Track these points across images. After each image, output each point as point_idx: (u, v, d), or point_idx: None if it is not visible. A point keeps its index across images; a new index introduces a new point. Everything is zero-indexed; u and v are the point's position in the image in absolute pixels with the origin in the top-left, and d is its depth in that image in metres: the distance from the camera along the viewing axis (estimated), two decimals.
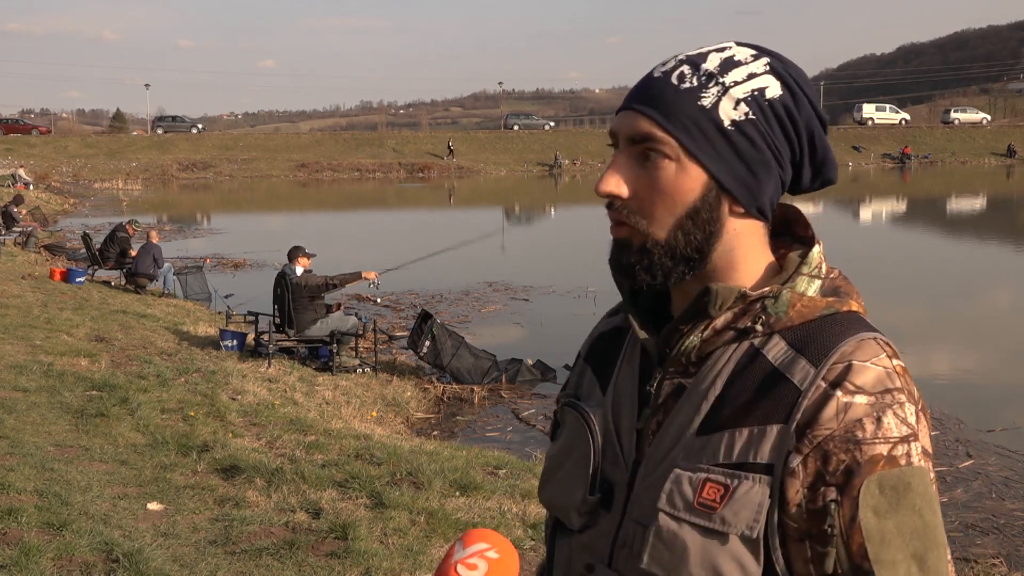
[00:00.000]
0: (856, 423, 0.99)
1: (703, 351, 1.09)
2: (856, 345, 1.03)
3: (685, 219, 1.06)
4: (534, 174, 56.14)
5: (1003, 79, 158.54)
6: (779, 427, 1.01)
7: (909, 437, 1.00)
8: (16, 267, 16.17)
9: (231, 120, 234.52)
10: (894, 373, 1.03)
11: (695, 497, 1.03)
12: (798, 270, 1.09)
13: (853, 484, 0.98)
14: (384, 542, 4.85)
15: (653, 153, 1.06)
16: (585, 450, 1.16)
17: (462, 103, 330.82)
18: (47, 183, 41.96)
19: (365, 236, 27.38)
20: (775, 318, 1.06)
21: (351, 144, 61.85)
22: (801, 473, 1.00)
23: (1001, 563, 5.82)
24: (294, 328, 10.36)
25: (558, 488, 1.19)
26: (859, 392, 1.00)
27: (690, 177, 1.06)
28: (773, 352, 1.06)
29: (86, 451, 6.18)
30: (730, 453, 1.03)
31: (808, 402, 1.01)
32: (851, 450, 0.99)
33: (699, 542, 1.02)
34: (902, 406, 1.01)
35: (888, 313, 14.37)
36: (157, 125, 69.37)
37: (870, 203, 38.28)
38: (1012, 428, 8.67)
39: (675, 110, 1.05)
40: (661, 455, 1.08)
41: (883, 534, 0.98)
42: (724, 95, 1.06)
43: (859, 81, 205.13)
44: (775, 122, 1.07)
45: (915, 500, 0.99)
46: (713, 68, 1.07)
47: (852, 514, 0.98)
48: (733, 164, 1.07)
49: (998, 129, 71.06)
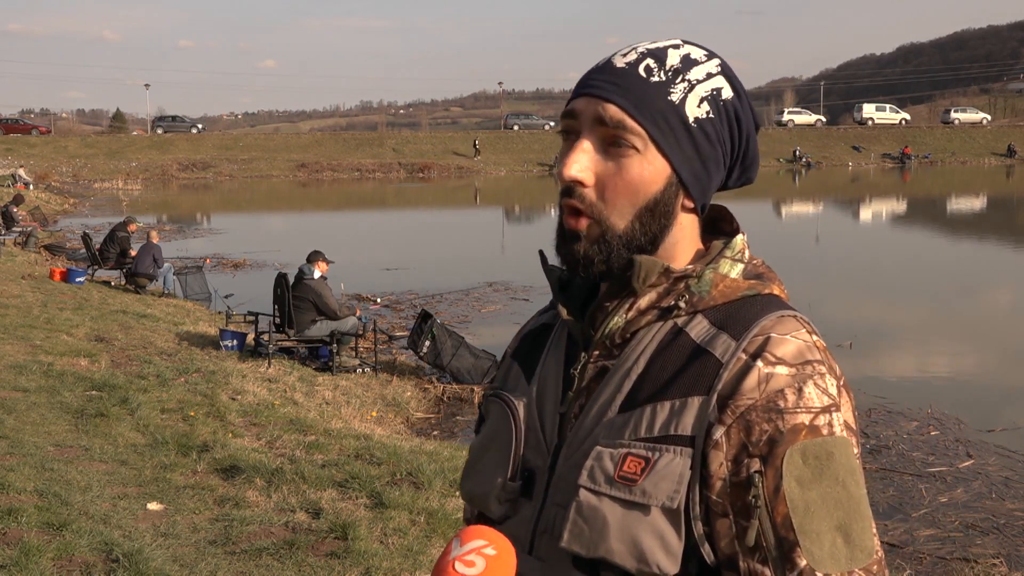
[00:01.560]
0: (778, 393, 1.00)
1: (627, 332, 1.10)
2: (776, 320, 1.04)
3: (644, 210, 1.07)
4: (534, 174, 56.13)
5: (1003, 79, 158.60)
6: (700, 399, 1.02)
7: (831, 407, 1.00)
8: (16, 267, 16.17)
9: (231, 120, 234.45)
10: (814, 347, 1.03)
11: (616, 471, 1.03)
12: (721, 253, 1.12)
13: (776, 453, 0.98)
14: (384, 542, 4.85)
15: (621, 142, 1.06)
16: (507, 437, 1.15)
17: (462, 103, 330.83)
18: (47, 183, 42.00)
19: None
20: (698, 297, 1.08)
21: (351, 144, 61.86)
22: (724, 445, 1.00)
23: (1001, 563, 5.82)
24: (294, 328, 10.36)
25: (479, 478, 1.18)
26: (780, 363, 1.01)
27: (654, 169, 1.07)
28: (696, 330, 1.07)
29: (86, 451, 6.18)
30: (652, 427, 1.03)
31: (729, 373, 1.02)
32: (773, 420, 0.99)
33: (619, 515, 1.01)
34: (823, 377, 1.01)
35: (889, 313, 14.38)
36: (157, 125, 69.37)
37: (870, 203, 38.27)
38: (1012, 428, 8.66)
39: (646, 102, 1.06)
40: (583, 436, 1.08)
41: (807, 504, 0.97)
42: (690, 92, 1.07)
43: (859, 81, 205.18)
44: (727, 122, 1.10)
45: (838, 470, 0.98)
46: (677, 64, 1.08)
47: (776, 484, 0.98)
48: (692, 160, 1.08)
49: (998, 129, 71.09)
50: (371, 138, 65.25)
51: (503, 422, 1.17)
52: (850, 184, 49.39)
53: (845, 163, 60.92)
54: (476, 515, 1.22)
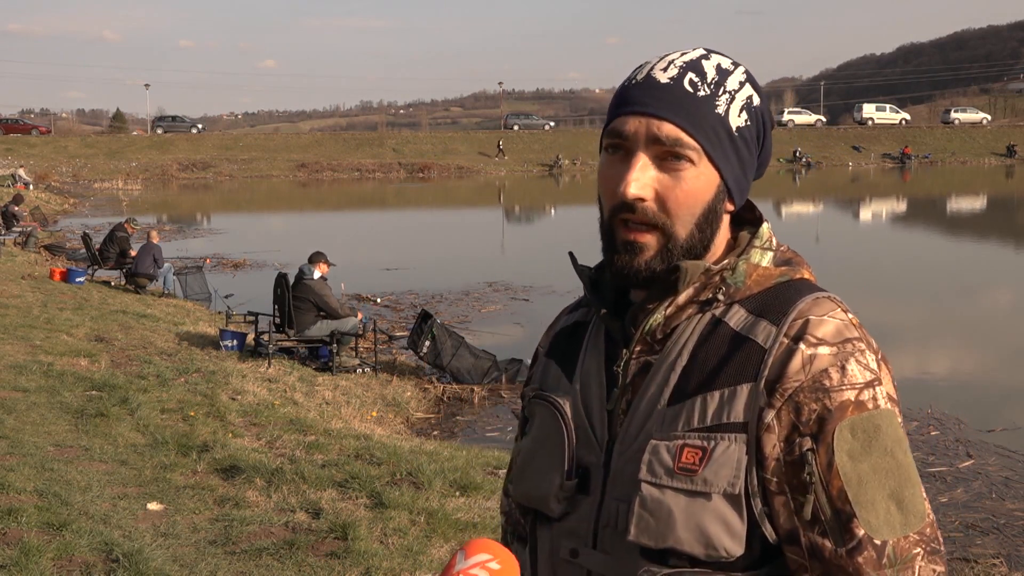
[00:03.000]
0: (822, 372, 1.05)
1: (667, 327, 1.14)
2: (812, 302, 1.10)
3: (702, 218, 1.13)
4: (534, 174, 56.13)
5: (1003, 79, 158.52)
6: (749, 385, 1.07)
7: (873, 382, 1.06)
8: (16, 267, 16.17)
9: (231, 120, 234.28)
10: (851, 325, 1.09)
11: (674, 463, 1.07)
12: (751, 243, 1.17)
13: (826, 430, 1.03)
14: (384, 542, 4.85)
15: (679, 157, 1.11)
16: (558, 438, 1.19)
17: (462, 103, 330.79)
18: (47, 183, 41.99)
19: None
20: (734, 288, 1.13)
21: (351, 144, 61.85)
22: (776, 427, 1.05)
23: (1001, 563, 5.82)
24: (294, 328, 10.36)
25: (534, 479, 1.21)
26: (821, 343, 1.06)
27: (707, 180, 1.12)
28: (734, 319, 1.12)
29: (86, 451, 6.18)
30: (704, 417, 1.08)
31: (773, 359, 1.06)
32: (820, 399, 1.04)
33: (683, 504, 1.06)
34: (863, 353, 1.07)
35: (889, 313, 14.37)
36: (157, 125, 69.36)
37: (870, 203, 38.28)
38: (1012, 428, 8.66)
39: (698, 117, 1.11)
40: (635, 431, 1.12)
41: (860, 476, 1.03)
42: (732, 103, 1.13)
43: (859, 81, 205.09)
44: (756, 127, 1.16)
45: (886, 441, 1.04)
46: (715, 76, 1.14)
47: (828, 460, 1.03)
48: (735, 167, 1.15)
49: (998, 129, 71.06)
50: (371, 138, 65.24)
51: (552, 423, 1.20)
52: (850, 184, 49.39)
53: (845, 163, 60.91)
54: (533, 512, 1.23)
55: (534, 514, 1.23)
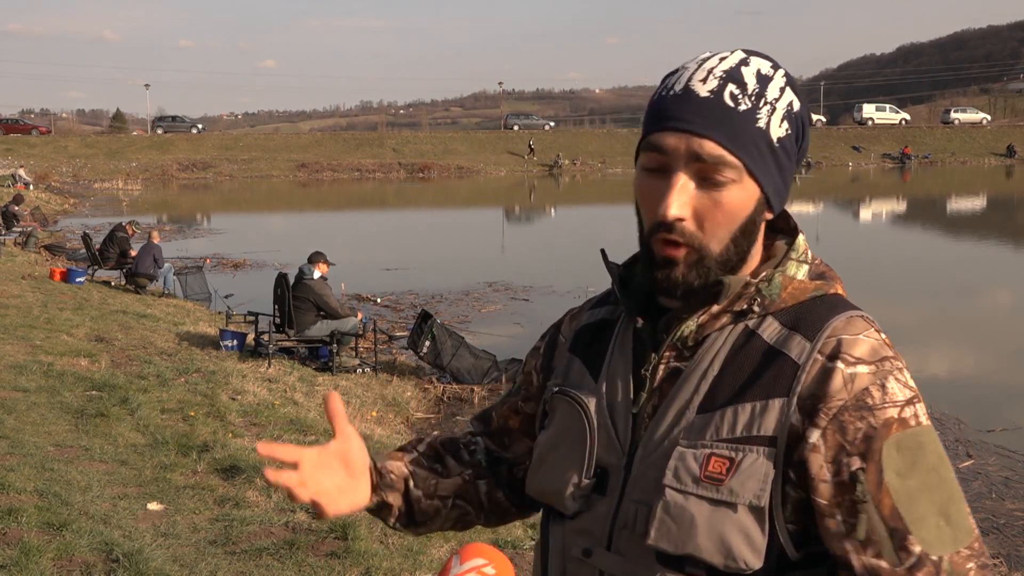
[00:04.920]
0: (864, 391, 1.04)
1: (699, 335, 1.13)
2: (846, 321, 1.09)
3: (739, 232, 1.11)
4: (534, 174, 56.13)
5: (1003, 79, 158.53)
6: (781, 400, 1.06)
7: (913, 399, 1.06)
8: (16, 267, 16.16)
9: (231, 120, 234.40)
10: (884, 344, 1.08)
11: (701, 471, 1.07)
12: (787, 255, 1.16)
13: (873, 449, 1.03)
14: (384, 542, 4.85)
15: (720, 175, 1.09)
16: (579, 435, 1.18)
17: (462, 103, 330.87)
18: (47, 183, 41.98)
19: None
20: (769, 300, 1.12)
21: (351, 144, 61.84)
22: (823, 447, 1.04)
23: (1001, 563, 5.82)
24: (294, 328, 10.36)
25: (551, 475, 1.20)
26: (860, 362, 1.05)
27: (748, 194, 1.11)
28: (768, 332, 1.11)
29: (86, 451, 6.18)
30: (733, 428, 1.07)
31: (807, 375, 1.06)
32: (865, 417, 1.04)
33: (707, 513, 1.05)
34: (901, 371, 1.07)
35: (889, 313, 14.36)
36: (157, 125, 69.34)
37: (870, 203, 38.28)
38: (1012, 428, 8.67)
39: (739, 133, 1.09)
40: (661, 436, 1.11)
41: (909, 493, 1.02)
42: (773, 114, 1.11)
43: (859, 81, 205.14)
44: (796, 133, 1.14)
45: (930, 458, 1.05)
46: (755, 86, 1.11)
47: (878, 478, 1.03)
48: (775, 177, 1.13)
49: (998, 129, 71.05)
50: (371, 138, 65.22)
51: (574, 421, 1.20)
52: (850, 184, 49.39)
53: (845, 163, 60.90)
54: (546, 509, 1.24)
55: (547, 510, 1.23)
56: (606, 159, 58.17)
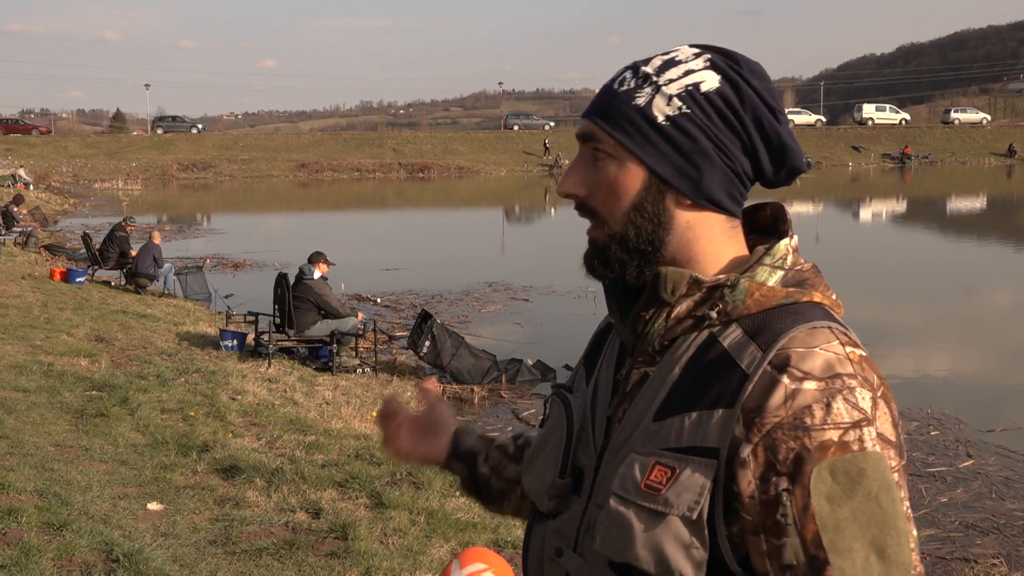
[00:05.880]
0: (804, 410, 0.98)
1: (666, 339, 1.12)
2: (808, 332, 1.03)
3: (632, 212, 1.11)
4: (534, 174, 56.13)
5: (1003, 79, 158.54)
6: (724, 411, 1.02)
7: (861, 422, 0.98)
8: (16, 267, 16.16)
9: (231, 120, 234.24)
10: (846, 359, 1.01)
11: (642, 479, 1.05)
12: (760, 260, 1.11)
13: (804, 471, 0.97)
14: (384, 542, 4.86)
15: (599, 152, 1.13)
16: (561, 435, 1.20)
17: (462, 103, 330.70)
18: (47, 183, 42.00)
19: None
20: (732, 306, 1.08)
21: (351, 144, 61.85)
22: (752, 463, 1.00)
23: (1001, 563, 5.82)
24: (294, 328, 10.36)
25: (534, 473, 1.23)
26: (807, 378, 0.99)
27: (630, 172, 1.11)
28: (729, 339, 1.07)
29: (86, 451, 6.18)
30: (680, 437, 1.05)
31: (753, 386, 1.01)
32: (800, 437, 0.98)
33: (643, 523, 1.04)
34: (852, 391, 0.99)
35: (889, 313, 14.37)
36: (157, 125, 69.37)
37: (870, 203, 38.27)
38: (1012, 428, 8.66)
39: (613, 112, 1.12)
40: (622, 441, 1.11)
41: (837, 522, 0.97)
42: (657, 93, 1.11)
43: (859, 81, 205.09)
44: (713, 113, 1.10)
45: (871, 486, 0.97)
46: (651, 70, 1.13)
47: (804, 502, 0.97)
48: (671, 157, 1.10)
49: (998, 129, 71.07)
50: (371, 138, 65.23)
51: (559, 422, 1.22)
52: (850, 184, 49.38)
53: (845, 163, 60.91)
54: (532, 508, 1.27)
55: (533, 509, 1.25)
56: None
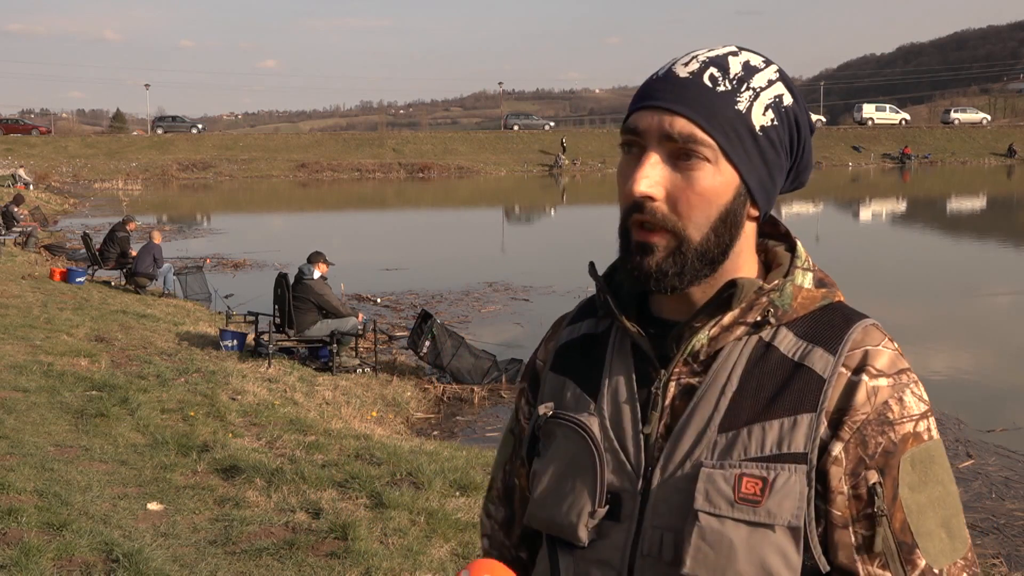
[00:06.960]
0: (884, 405, 1.04)
1: (712, 349, 1.09)
2: (863, 332, 1.08)
3: (718, 221, 1.07)
4: (534, 174, 56.12)
5: (1003, 79, 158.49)
6: (810, 416, 1.04)
7: (927, 413, 1.07)
8: (16, 267, 16.16)
9: (231, 120, 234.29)
10: (899, 355, 1.08)
11: (734, 493, 1.03)
12: (793, 264, 1.12)
13: (891, 464, 1.04)
14: (384, 542, 4.85)
15: (692, 154, 1.05)
16: (587, 462, 1.12)
17: (462, 103, 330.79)
18: (47, 183, 41.99)
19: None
20: (781, 311, 1.09)
21: (351, 144, 61.83)
22: (844, 460, 1.04)
23: (1001, 563, 5.82)
24: (294, 328, 10.36)
25: (563, 506, 1.13)
26: (880, 375, 1.05)
27: (725, 180, 1.06)
28: (784, 344, 1.08)
29: (86, 451, 6.18)
30: (762, 446, 1.04)
31: (833, 389, 1.04)
32: (886, 431, 1.04)
33: (745, 537, 1.02)
34: (916, 384, 1.07)
35: (889, 313, 14.37)
36: (157, 125, 69.33)
37: (870, 203, 38.27)
38: (1012, 428, 8.67)
39: (715, 112, 1.05)
40: (682, 458, 1.07)
41: (920, 507, 1.04)
42: (756, 100, 1.07)
43: (859, 81, 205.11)
44: (787, 129, 1.10)
45: (939, 472, 1.06)
46: (739, 72, 1.08)
47: (893, 493, 1.03)
48: (759, 168, 1.08)
49: (998, 129, 71.03)
50: (371, 138, 65.20)
51: (578, 447, 1.13)
52: (850, 184, 49.37)
53: (845, 163, 60.88)
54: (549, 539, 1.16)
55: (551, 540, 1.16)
56: (606, 159, 58.12)
